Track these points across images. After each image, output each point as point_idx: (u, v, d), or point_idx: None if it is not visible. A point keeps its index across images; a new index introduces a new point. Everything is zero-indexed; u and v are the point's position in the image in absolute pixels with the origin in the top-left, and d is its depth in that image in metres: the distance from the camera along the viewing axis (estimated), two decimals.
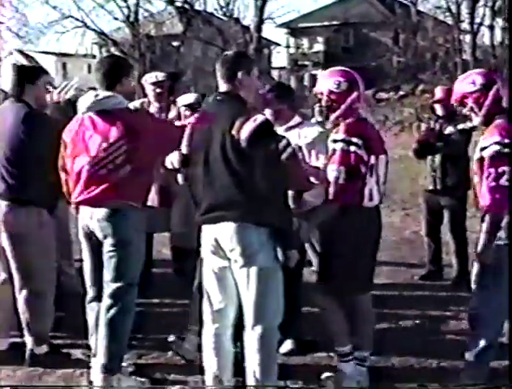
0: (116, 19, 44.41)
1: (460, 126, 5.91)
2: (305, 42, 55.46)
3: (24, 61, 43.54)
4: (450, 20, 44.02)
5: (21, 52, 50.03)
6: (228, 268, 4.66)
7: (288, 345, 5.76)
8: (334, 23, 51.00)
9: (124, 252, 5.07)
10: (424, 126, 8.07)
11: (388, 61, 43.25)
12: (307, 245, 5.42)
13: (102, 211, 5.07)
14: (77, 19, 43.91)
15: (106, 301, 5.12)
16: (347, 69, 5.30)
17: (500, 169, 4.49)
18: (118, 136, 5.00)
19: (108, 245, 5.09)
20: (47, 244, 5.65)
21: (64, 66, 52.38)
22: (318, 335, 5.76)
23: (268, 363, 4.66)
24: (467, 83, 4.80)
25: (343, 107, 5.10)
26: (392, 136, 19.19)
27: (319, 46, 54.61)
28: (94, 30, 44.55)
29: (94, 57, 49.24)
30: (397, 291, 7.41)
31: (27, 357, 5.62)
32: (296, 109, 5.94)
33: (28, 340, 5.63)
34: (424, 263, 8.13)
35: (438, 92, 7.81)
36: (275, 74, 49.57)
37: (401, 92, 29.59)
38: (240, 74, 4.69)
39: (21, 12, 45.51)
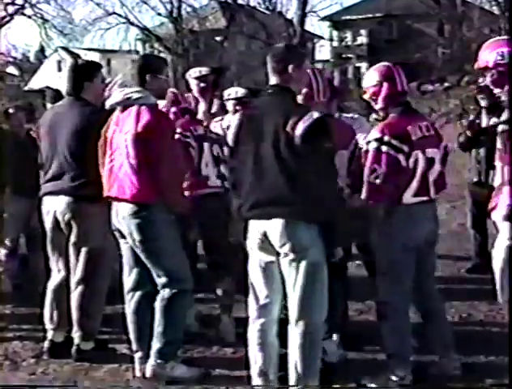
0: (159, 14, 44.62)
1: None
2: (348, 35, 55.13)
3: (69, 59, 44.03)
4: (496, 10, 43.46)
5: (66, 49, 50.56)
6: (275, 263, 4.64)
7: (332, 342, 5.71)
8: (378, 15, 50.66)
9: (153, 248, 5.12)
10: (466, 120, 7.99)
11: (433, 52, 42.82)
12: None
13: (126, 208, 5.10)
14: (120, 16, 44.19)
15: (161, 291, 5.18)
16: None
17: None
18: (139, 133, 5.02)
19: (134, 241, 5.12)
20: (106, 240, 5.69)
21: (108, 62, 52.65)
22: (363, 331, 5.72)
23: (311, 359, 4.64)
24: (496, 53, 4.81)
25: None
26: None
27: (362, 39, 54.26)
28: (137, 26, 44.76)
29: (138, 53, 49.49)
30: (443, 284, 7.34)
31: (73, 353, 5.66)
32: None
33: (76, 336, 5.67)
34: (471, 256, 8.04)
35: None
36: (318, 67, 49.41)
37: (446, 84, 29.33)
38: (291, 68, 4.66)
39: (66, 10, 45.94)
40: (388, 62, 5.28)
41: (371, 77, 5.17)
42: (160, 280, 5.16)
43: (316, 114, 4.51)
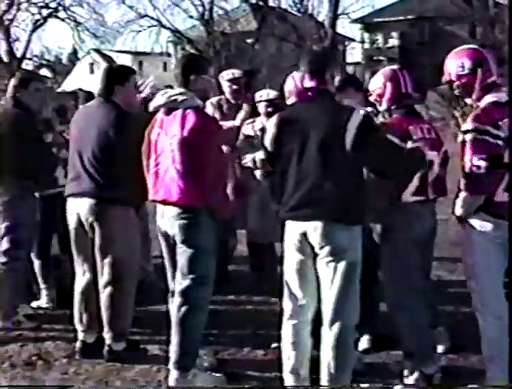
0: (191, 17, 44.69)
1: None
2: (379, 37, 54.96)
3: (102, 61, 44.22)
4: None
5: (98, 51, 50.85)
6: (311, 264, 4.66)
7: (364, 343, 5.71)
8: (410, 17, 50.41)
9: (192, 251, 5.10)
10: None
11: None
12: None
13: (172, 210, 5.11)
14: (152, 18, 44.31)
15: (177, 298, 5.17)
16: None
17: None
18: (185, 137, 5.02)
19: (178, 243, 5.14)
20: (134, 242, 5.71)
21: (140, 64, 52.92)
22: (394, 332, 5.69)
23: (344, 360, 4.65)
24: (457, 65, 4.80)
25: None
26: None
27: (394, 41, 54.05)
28: (169, 28, 44.88)
29: (169, 55, 49.68)
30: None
31: (104, 353, 5.69)
32: None
33: (107, 336, 5.69)
34: None
35: None
36: (349, 69, 49.28)
37: None
38: (328, 72, 4.68)
39: (98, 12, 46.22)
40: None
41: (376, 80, 5.25)
42: (184, 282, 5.15)
43: (362, 114, 4.53)
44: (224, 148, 5.66)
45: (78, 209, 5.66)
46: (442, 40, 46.20)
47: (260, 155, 4.90)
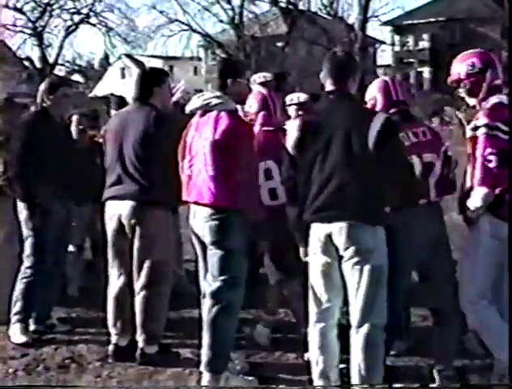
0: (221, 21, 44.87)
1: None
2: (410, 39, 54.79)
3: (133, 66, 44.39)
4: None
5: (130, 56, 51.14)
6: (336, 267, 4.66)
7: (397, 346, 5.68)
8: (440, 19, 50.21)
9: (223, 252, 5.12)
10: None
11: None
12: None
13: (203, 212, 5.14)
14: (183, 23, 44.55)
15: (208, 300, 5.19)
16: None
17: None
18: (217, 140, 5.04)
19: (208, 244, 5.16)
20: (171, 245, 5.74)
21: (171, 69, 53.14)
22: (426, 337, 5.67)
23: (373, 362, 4.64)
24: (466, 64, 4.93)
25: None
26: None
27: (424, 43, 53.85)
28: (200, 33, 45.08)
29: (199, 59, 49.91)
30: None
31: (137, 356, 5.70)
32: None
33: (140, 339, 5.71)
34: None
35: None
36: (380, 72, 49.14)
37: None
38: (350, 75, 4.71)
39: (129, 18, 46.51)
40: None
41: (370, 91, 5.30)
42: (215, 284, 5.17)
43: (384, 115, 4.55)
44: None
45: (119, 212, 5.68)
46: (473, 42, 45.79)
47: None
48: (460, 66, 4.97)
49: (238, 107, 5.45)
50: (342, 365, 4.86)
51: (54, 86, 6.40)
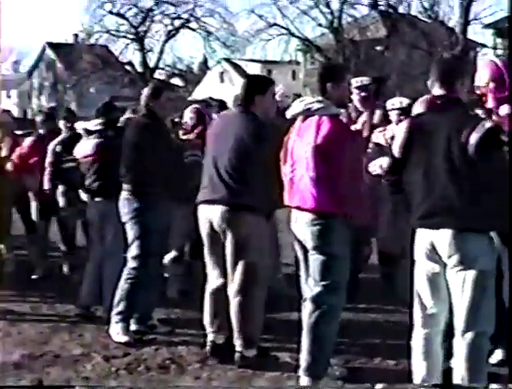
0: (320, 25, 44.73)
1: None
2: None
3: (232, 70, 44.69)
4: None
5: (229, 60, 51.54)
6: (442, 273, 4.60)
7: (498, 355, 5.57)
8: None
9: (324, 257, 5.12)
10: None
11: None
12: None
13: (305, 217, 5.13)
14: (282, 27, 44.60)
15: (309, 305, 5.19)
16: None
17: None
18: (319, 145, 5.03)
19: (310, 249, 5.15)
20: (265, 249, 5.76)
21: (269, 73, 53.32)
22: None
23: (477, 371, 4.56)
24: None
25: None
26: None
27: None
28: (298, 37, 45.06)
29: (298, 63, 49.87)
30: None
31: (236, 359, 5.73)
32: None
33: (238, 343, 5.75)
34: None
35: None
36: None
37: None
38: (458, 80, 4.65)
39: (229, 22, 46.89)
40: None
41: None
42: (316, 289, 5.17)
43: (488, 124, 4.46)
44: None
45: (210, 216, 5.73)
46: None
47: (384, 162, 4.88)
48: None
49: (341, 111, 5.43)
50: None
51: (158, 90, 6.50)
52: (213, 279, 5.90)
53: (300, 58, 49.44)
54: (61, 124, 8.93)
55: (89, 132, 7.18)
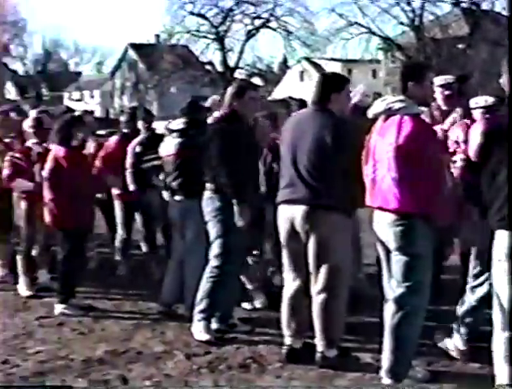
0: (401, 23, 44.38)
1: None
2: None
3: (312, 69, 44.69)
4: None
5: (309, 60, 51.49)
6: None
7: None
8: None
9: (407, 258, 5.07)
10: None
11: None
12: None
13: (387, 217, 5.10)
14: (362, 26, 44.40)
15: (391, 305, 5.15)
16: None
17: None
18: (401, 145, 4.98)
19: (393, 250, 5.11)
20: (347, 249, 5.74)
21: (349, 72, 53.11)
22: None
23: None
24: None
25: None
26: None
27: None
28: (379, 35, 44.79)
29: (378, 62, 49.52)
30: None
31: (317, 359, 5.72)
32: None
33: (319, 343, 5.73)
34: None
35: None
36: None
37: None
38: None
39: (309, 21, 46.86)
40: None
41: None
42: (399, 290, 5.13)
43: None
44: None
45: (292, 216, 5.73)
46: None
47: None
48: None
49: (423, 110, 5.38)
50: None
51: (242, 89, 6.52)
52: (289, 282, 5.89)
53: (380, 57, 49.08)
54: (140, 124, 9.05)
55: (172, 131, 7.24)
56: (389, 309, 5.16)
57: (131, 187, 8.72)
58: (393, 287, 5.16)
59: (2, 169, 8.38)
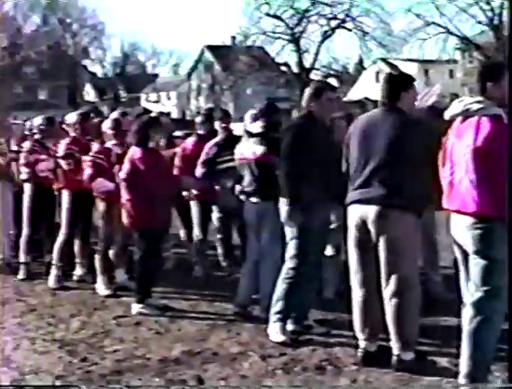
0: (479, 22, 43.83)
1: None
2: None
3: (388, 70, 44.51)
4: None
5: (385, 60, 51.16)
6: None
7: None
8: None
9: (486, 262, 4.99)
10: None
11: None
12: None
13: (466, 220, 5.02)
14: (440, 26, 43.95)
15: (469, 310, 5.07)
16: None
17: None
18: (479, 147, 4.90)
19: (471, 253, 5.04)
20: (417, 249, 5.68)
21: (426, 72, 52.60)
22: None
23: None
24: None
25: None
26: None
27: None
28: (457, 35, 44.29)
29: (455, 62, 48.95)
30: None
31: (393, 362, 5.66)
32: None
33: (395, 346, 5.68)
34: None
35: None
36: None
37: None
38: None
39: (385, 22, 46.57)
40: None
41: None
42: (477, 294, 5.05)
43: None
44: None
45: (364, 216, 5.69)
46: None
47: None
48: None
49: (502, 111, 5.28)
50: None
51: (320, 90, 6.51)
52: (360, 284, 5.83)
53: (458, 57, 48.51)
54: (217, 125, 9.09)
55: (249, 134, 7.25)
56: (467, 313, 5.08)
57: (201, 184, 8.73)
58: (471, 291, 5.09)
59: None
